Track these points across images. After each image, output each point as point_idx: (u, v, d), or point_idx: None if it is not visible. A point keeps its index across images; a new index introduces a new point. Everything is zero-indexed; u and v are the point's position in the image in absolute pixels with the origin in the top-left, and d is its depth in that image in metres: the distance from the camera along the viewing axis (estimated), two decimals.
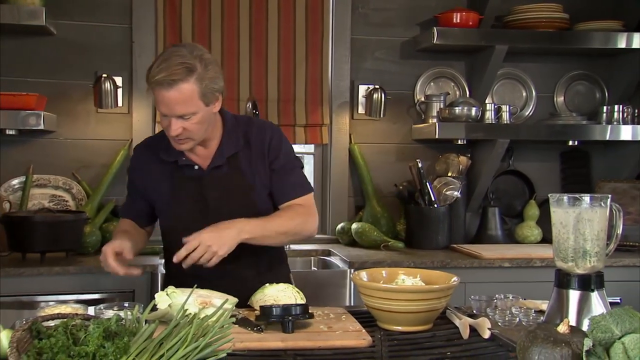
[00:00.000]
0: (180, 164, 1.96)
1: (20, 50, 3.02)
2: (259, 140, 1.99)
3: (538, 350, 1.22)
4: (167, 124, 1.84)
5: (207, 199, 1.95)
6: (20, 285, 2.50)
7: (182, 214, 1.96)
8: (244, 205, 1.95)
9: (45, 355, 1.07)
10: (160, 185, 1.98)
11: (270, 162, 1.99)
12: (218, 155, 1.95)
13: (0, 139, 2.98)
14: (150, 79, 1.78)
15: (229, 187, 1.95)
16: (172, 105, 1.79)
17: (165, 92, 1.77)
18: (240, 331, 1.55)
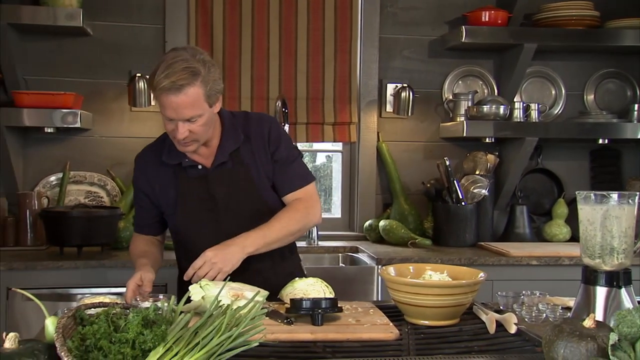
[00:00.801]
0: (184, 165, 1.99)
1: (58, 50, 3.12)
2: (259, 133, 2.02)
3: (564, 344, 1.24)
4: (174, 128, 1.87)
5: (215, 196, 1.99)
6: (58, 277, 2.58)
7: (191, 213, 2.00)
8: (251, 198, 2.00)
9: (88, 340, 1.13)
10: (167, 189, 2.01)
11: (272, 153, 2.02)
12: (220, 153, 1.99)
13: (39, 136, 3.08)
14: (156, 85, 1.80)
15: (234, 182, 1.99)
16: (179, 110, 1.82)
17: (173, 97, 1.80)
18: (270, 323, 1.59)
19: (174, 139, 1.92)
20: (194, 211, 2.00)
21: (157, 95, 1.83)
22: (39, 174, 3.11)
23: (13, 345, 1.12)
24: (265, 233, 1.95)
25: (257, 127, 2.03)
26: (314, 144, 3.52)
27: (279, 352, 1.44)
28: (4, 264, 2.53)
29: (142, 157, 2.11)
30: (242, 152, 2.01)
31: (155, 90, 1.82)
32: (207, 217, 1.98)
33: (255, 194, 2.01)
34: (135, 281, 1.82)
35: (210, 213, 1.99)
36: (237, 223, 1.98)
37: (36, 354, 1.11)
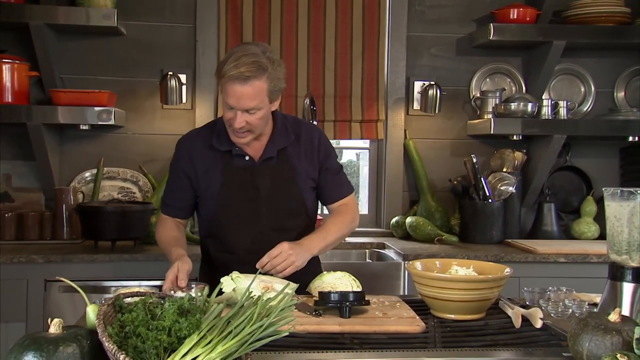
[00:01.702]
0: (234, 153, 2.05)
1: (92, 49, 3.20)
2: (309, 138, 2.11)
3: (589, 338, 1.26)
4: (232, 116, 1.94)
5: (259, 188, 2.04)
6: (93, 270, 2.66)
7: (233, 201, 2.04)
8: (292, 196, 2.06)
9: (127, 327, 1.18)
10: (211, 174, 2.06)
11: (321, 161, 2.11)
12: (270, 147, 2.05)
13: (75, 133, 3.17)
14: (225, 73, 1.88)
15: (278, 178, 2.05)
16: (242, 100, 1.90)
17: (239, 86, 1.88)
18: (299, 315, 1.63)
19: (229, 127, 1.98)
20: (235, 200, 2.04)
21: (223, 83, 1.91)
22: (74, 170, 3.20)
23: (58, 331, 1.18)
24: (324, 236, 2.05)
25: (307, 132, 2.12)
26: (341, 142, 3.56)
27: (308, 342, 1.48)
28: (42, 257, 2.62)
29: (189, 140, 2.15)
30: (289, 151, 2.08)
31: (222, 78, 1.90)
32: (248, 208, 2.02)
33: (297, 193, 2.07)
34: (174, 272, 1.87)
35: (252, 204, 2.03)
36: (275, 218, 2.04)
37: (79, 338, 1.16)
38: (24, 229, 2.92)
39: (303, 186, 2.08)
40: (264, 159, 2.06)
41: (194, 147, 2.10)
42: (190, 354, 1.16)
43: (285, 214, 2.05)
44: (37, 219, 2.94)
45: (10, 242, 2.88)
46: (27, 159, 3.13)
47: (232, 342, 1.20)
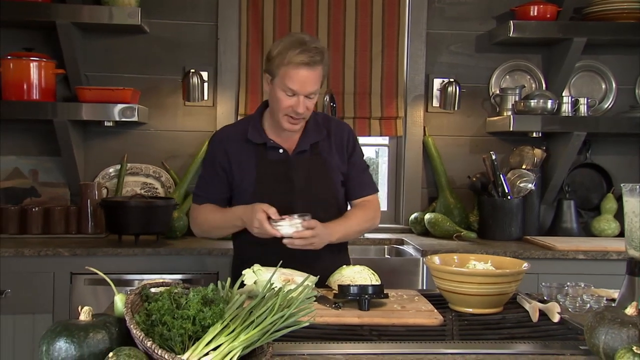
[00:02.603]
0: (268, 146, 2.10)
1: (116, 47, 3.26)
2: (339, 134, 2.18)
3: (605, 331, 1.27)
4: (294, 103, 2.00)
5: (293, 181, 2.09)
6: (117, 264, 2.72)
7: (268, 194, 2.07)
8: (325, 189, 2.12)
9: (154, 316, 1.22)
10: (246, 167, 2.11)
11: (349, 155, 2.17)
12: (303, 141, 2.11)
13: (99, 130, 3.24)
14: (291, 60, 1.95)
15: (312, 170, 2.11)
16: (307, 84, 1.98)
17: (306, 71, 1.96)
18: (319, 307, 1.67)
19: (285, 116, 2.03)
20: (270, 192, 2.07)
21: (287, 70, 1.97)
22: (98, 166, 3.27)
23: (87, 318, 1.23)
24: (346, 226, 2.11)
25: (337, 128, 2.19)
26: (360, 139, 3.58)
27: (327, 333, 1.51)
28: (68, 250, 2.68)
29: (223, 134, 2.21)
30: (321, 146, 2.14)
31: (287, 64, 1.97)
32: (282, 200, 2.06)
33: (329, 186, 2.13)
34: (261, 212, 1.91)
35: (286, 197, 2.07)
36: (309, 211, 2.05)
37: (108, 326, 1.21)
38: (50, 223, 2.99)
39: (335, 179, 2.14)
40: (297, 151, 2.11)
41: (228, 141, 2.15)
42: (214, 342, 1.20)
43: (318, 207, 2.08)
44: (62, 213, 3.01)
45: (37, 236, 2.96)
46: (53, 155, 3.20)
47: (254, 332, 1.24)
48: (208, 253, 2.78)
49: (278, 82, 2.01)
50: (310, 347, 1.41)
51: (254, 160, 2.11)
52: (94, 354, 1.16)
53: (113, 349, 1.16)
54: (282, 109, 2.03)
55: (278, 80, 2.01)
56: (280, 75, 1.99)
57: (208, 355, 1.17)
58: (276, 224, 1.92)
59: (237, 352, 1.19)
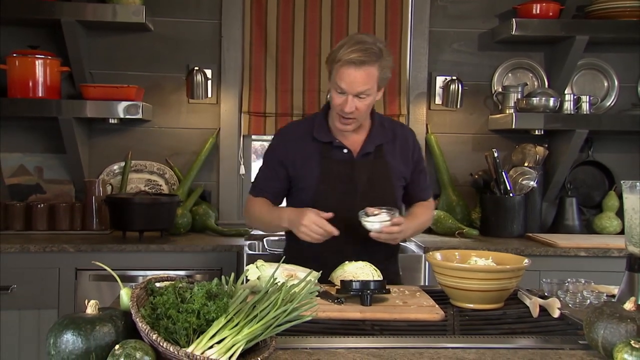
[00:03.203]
0: (334, 145, 2.11)
1: (121, 45, 3.28)
2: (404, 138, 2.20)
3: (604, 325, 1.29)
4: (342, 101, 2.02)
5: (357, 183, 2.09)
6: (121, 260, 2.74)
7: (330, 193, 2.09)
8: (386, 192, 2.13)
9: (159, 309, 1.24)
10: (310, 164, 2.11)
11: (415, 161, 2.20)
12: (368, 143, 2.12)
13: (104, 127, 3.26)
14: (340, 57, 1.98)
15: (375, 173, 2.11)
16: (354, 84, 1.99)
17: (353, 70, 1.97)
18: (322, 302, 1.68)
19: (337, 114, 2.05)
20: (333, 192, 2.09)
21: (337, 67, 1.99)
22: (103, 163, 3.29)
23: (94, 312, 1.25)
24: (418, 223, 2.18)
25: (402, 132, 2.21)
26: None
27: (330, 328, 1.53)
28: (73, 246, 2.71)
29: (289, 130, 2.22)
30: (385, 149, 2.15)
31: (336, 63, 1.99)
32: (344, 201, 2.07)
33: (390, 190, 2.14)
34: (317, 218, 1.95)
35: (347, 197, 2.08)
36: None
37: (114, 319, 1.23)
38: (55, 220, 3.02)
39: (396, 184, 2.15)
40: (362, 153, 2.12)
41: (292, 138, 2.17)
42: (218, 336, 1.22)
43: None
44: (67, 210, 3.03)
45: (43, 232, 2.98)
46: (58, 152, 3.22)
47: (258, 326, 1.26)
48: (212, 249, 2.80)
49: (332, 80, 2.04)
50: (313, 341, 1.43)
51: (318, 158, 2.11)
52: (100, 346, 1.18)
53: (119, 341, 1.18)
54: (334, 107, 2.05)
55: (332, 78, 2.04)
56: (333, 73, 2.02)
57: (212, 348, 1.19)
58: (366, 219, 1.94)
59: (240, 346, 1.21)
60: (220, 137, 3.34)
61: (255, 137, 3.50)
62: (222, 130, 3.33)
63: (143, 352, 1.15)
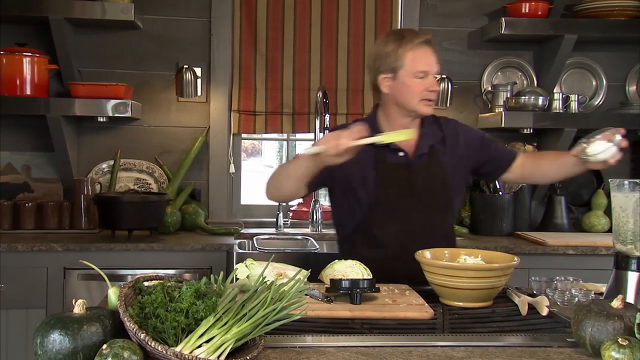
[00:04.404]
0: (391, 147, 2.05)
1: (109, 43, 3.27)
2: (450, 132, 2.14)
3: (591, 323, 1.29)
4: (428, 84, 2.02)
5: (414, 185, 2.06)
6: (110, 259, 2.73)
7: (389, 198, 2.05)
8: (443, 194, 2.09)
9: (147, 309, 1.23)
10: (366, 168, 2.05)
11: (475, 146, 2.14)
12: (422, 143, 2.07)
13: (92, 125, 3.24)
14: (412, 40, 2.01)
15: (431, 175, 2.08)
16: (432, 63, 2.03)
17: (428, 50, 2.03)
18: (311, 301, 1.68)
19: (421, 101, 2.02)
20: (392, 197, 2.05)
21: (411, 54, 2.00)
22: (92, 161, 3.27)
23: (81, 311, 1.24)
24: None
25: (447, 127, 2.14)
26: None
27: (319, 327, 1.53)
28: (61, 245, 2.69)
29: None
30: (437, 148, 2.11)
31: (411, 49, 2.00)
32: (402, 204, 2.05)
33: (447, 191, 2.10)
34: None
35: (406, 201, 2.05)
36: (425, 216, 2.07)
37: (102, 318, 1.22)
38: (43, 219, 3.00)
39: (451, 184, 2.11)
40: (417, 154, 2.07)
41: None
42: (207, 335, 1.21)
43: (436, 212, 2.08)
44: (55, 208, 3.01)
45: (31, 231, 2.96)
46: (46, 150, 3.20)
47: (247, 324, 1.25)
48: (201, 248, 2.79)
49: (405, 72, 2.01)
50: (302, 340, 1.43)
51: (372, 161, 2.05)
52: (87, 346, 1.18)
53: (107, 341, 1.18)
54: (417, 95, 2.02)
55: (404, 70, 2.01)
56: (407, 62, 2.00)
57: (201, 347, 1.18)
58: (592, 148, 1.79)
59: (229, 345, 1.21)
60: (210, 136, 3.33)
61: (245, 135, 3.50)
62: (211, 128, 3.32)
63: (131, 351, 1.14)
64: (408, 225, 2.04)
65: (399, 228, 2.04)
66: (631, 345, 1.20)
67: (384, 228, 2.06)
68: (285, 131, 3.40)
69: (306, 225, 3.25)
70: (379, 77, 2.07)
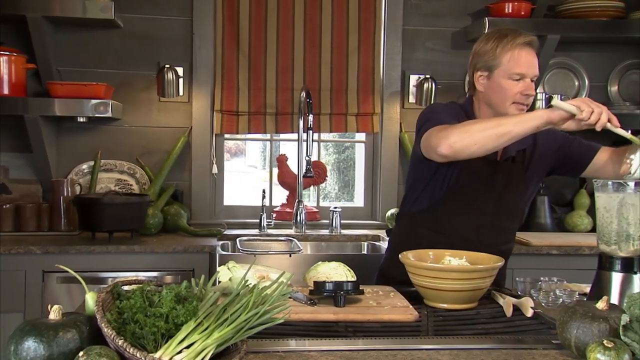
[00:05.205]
0: None
1: (89, 42, 3.22)
2: (546, 143, 2.08)
3: (576, 325, 1.29)
4: (522, 87, 1.96)
5: (496, 187, 2.03)
6: (90, 262, 2.69)
7: (468, 190, 2.02)
8: (519, 199, 2.08)
9: (125, 314, 1.20)
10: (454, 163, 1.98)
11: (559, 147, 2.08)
12: (511, 147, 1.99)
13: (72, 126, 3.19)
14: (514, 41, 1.95)
15: (513, 179, 2.05)
16: (532, 66, 1.97)
17: (530, 51, 1.97)
18: (295, 304, 1.65)
19: (513, 104, 1.97)
20: (471, 189, 2.03)
21: (511, 54, 1.95)
22: (71, 162, 3.22)
23: (57, 317, 1.20)
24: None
25: (542, 136, 2.06)
26: (336, 135, 3.59)
27: (303, 330, 1.51)
28: (40, 248, 2.64)
29: (451, 109, 2.10)
30: (527, 154, 2.07)
31: (511, 49, 1.95)
32: (479, 201, 2.03)
33: (522, 197, 2.09)
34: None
35: (483, 198, 2.03)
36: (499, 217, 2.05)
37: (78, 324, 1.19)
38: (22, 221, 2.94)
39: (528, 195, 2.10)
40: (505, 157, 2.05)
41: (456, 115, 2.05)
42: (187, 340, 1.18)
43: (507, 215, 2.07)
44: (34, 210, 2.96)
45: (8, 234, 2.90)
46: (24, 151, 3.14)
47: (228, 329, 1.23)
48: (184, 250, 2.75)
49: (501, 71, 1.97)
50: (285, 344, 1.41)
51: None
52: (63, 353, 1.14)
53: (84, 348, 1.14)
54: (510, 97, 1.98)
55: (500, 70, 1.97)
56: (504, 62, 1.96)
57: (181, 353, 1.15)
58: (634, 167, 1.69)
59: (210, 350, 1.18)
60: (192, 136, 3.29)
61: (229, 136, 3.47)
62: (194, 129, 3.29)
63: (108, 358, 1.11)
64: (476, 221, 2.03)
65: (466, 222, 2.03)
66: (617, 347, 1.20)
67: (453, 217, 2.05)
68: (268, 131, 3.37)
69: (290, 226, 3.22)
70: (475, 74, 2.05)
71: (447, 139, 1.80)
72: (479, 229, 2.04)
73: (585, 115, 1.68)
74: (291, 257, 2.72)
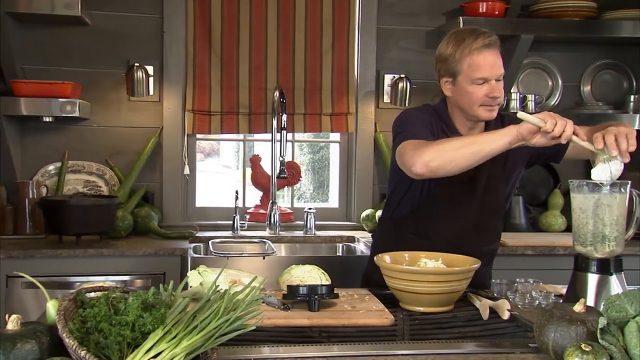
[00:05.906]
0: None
1: (56, 40, 3.13)
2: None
3: (554, 328, 1.27)
4: (487, 90, 1.93)
5: (475, 183, 2.01)
6: (57, 266, 2.60)
7: (449, 193, 2.00)
8: (499, 196, 2.06)
9: (89, 323, 1.15)
10: None
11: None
12: None
13: (38, 126, 3.10)
14: (472, 45, 1.91)
15: (493, 176, 2.02)
16: (496, 66, 1.93)
17: (490, 53, 1.92)
18: (268, 309, 1.62)
19: (480, 107, 1.94)
20: (452, 192, 2.00)
21: (470, 58, 1.92)
22: (37, 163, 3.13)
23: (15, 327, 1.14)
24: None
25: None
26: (311, 135, 3.55)
27: (276, 336, 1.47)
28: (3, 252, 2.55)
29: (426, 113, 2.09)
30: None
31: (469, 54, 1.91)
32: (460, 202, 2.01)
33: (502, 194, 2.07)
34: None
35: (465, 199, 2.01)
36: (481, 216, 2.03)
37: (38, 335, 1.13)
38: None
39: (508, 190, 2.08)
40: None
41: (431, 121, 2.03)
42: (155, 349, 1.13)
43: (490, 213, 2.05)
44: None
45: None
46: None
47: (198, 337, 1.18)
48: (154, 253, 2.69)
49: (463, 77, 1.94)
50: (258, 350, 1.37)
51: None
52: None
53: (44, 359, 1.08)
54: (477, 101, 1.95)
55: (463, 76, 1.94)
56: (464, 68, 1.93)
57: None
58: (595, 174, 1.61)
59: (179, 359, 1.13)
60: (163, 136, 3.22)
61: (201, 136, 3.40)
62: (165, 129, 3.22)
63: None
64: (460, 224, 2.02)
65: (449, 225, 2.01)
66: (594, 351, 1.18)
67: (435, 221, 2.03)
68: (241, 131, 3.31)
69: (264, 228, 3.18)
70: (441, 80, 2.03)
71: (421, 157, 1.80)
72: (463, 232, 2.02)
73: (549, 127, 1.66)
74: (265, 259, 2.68)
